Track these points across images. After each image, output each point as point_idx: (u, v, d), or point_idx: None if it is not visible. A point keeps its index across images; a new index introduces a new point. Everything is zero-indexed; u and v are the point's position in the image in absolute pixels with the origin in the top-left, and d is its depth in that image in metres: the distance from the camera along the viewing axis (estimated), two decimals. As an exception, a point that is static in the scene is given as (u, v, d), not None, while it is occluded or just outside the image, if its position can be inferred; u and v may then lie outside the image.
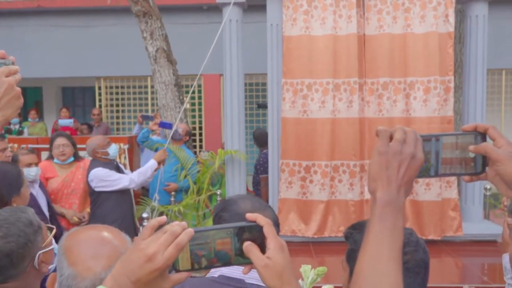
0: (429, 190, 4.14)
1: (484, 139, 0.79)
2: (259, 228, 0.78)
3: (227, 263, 0.76)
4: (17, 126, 7.57)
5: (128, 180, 3.58)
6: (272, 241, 0.78)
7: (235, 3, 4.18)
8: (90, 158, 3.77)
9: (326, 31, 4.14)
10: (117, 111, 9.07)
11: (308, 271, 1.45)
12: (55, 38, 8.58)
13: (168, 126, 4.43)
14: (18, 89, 0.90)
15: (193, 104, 8.63)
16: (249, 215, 0.80)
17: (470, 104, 4.37)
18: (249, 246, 0.76)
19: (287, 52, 4.17)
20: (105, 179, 3.49)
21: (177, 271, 0.74)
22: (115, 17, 8.38)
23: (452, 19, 4.11)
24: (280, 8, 4.20)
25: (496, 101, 8.50)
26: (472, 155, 0.78)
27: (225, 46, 4.32)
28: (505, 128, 8.46)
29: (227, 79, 4.35)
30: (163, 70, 5.27)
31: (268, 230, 0.78)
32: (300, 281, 1.46)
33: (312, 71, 4.16)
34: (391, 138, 0.75)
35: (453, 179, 4.22)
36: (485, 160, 0.78)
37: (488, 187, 4.62)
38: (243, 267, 0.80)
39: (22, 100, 0.97)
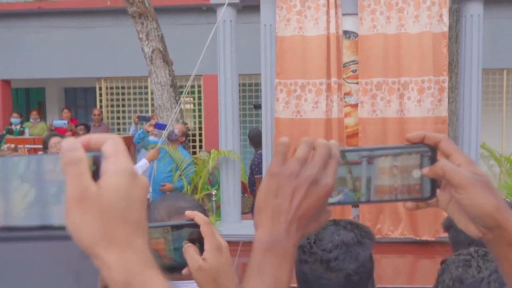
0: (423, 191, 4.13)
1: (434, 154, 0.57)
2: (197, 227, 0.73)
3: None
4: (18, 127, 7.64)
5: None
6: (208, 241, 0.73)
7: (228, 4, 4.19)
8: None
9: (320, 32, 4.14)
10: (118, 112, 9.13)
11: None
12: (56, 39, 8.64)
13: (163, 127, 4.45)
14: None
15: (193, 105, 8.66)
16: (188, 213, 0.75)
17: (466, 104, 4.35)
18: (187, 248, 0.72)
19: (280, 52, 4.17)
20: None
21: None
22: (114, 18, 8.42)
23: (446, 19, 4.09)
24: (274, 9, 4.20)
25: (498, 101, 8.44)
26: (417, 175, 0.57)
27: (219, 47, 4.33)
28: (506, 128, 8.40)
29: (221, 80, 4.37)
30: (159, 70, 5.30)
31: (206, 229, 0.74)
32: None
33: (305, 72, 4.16)
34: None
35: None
36: (434, 182, 0.58)
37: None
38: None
39: None
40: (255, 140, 4.91)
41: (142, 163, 3.71)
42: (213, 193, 4.68)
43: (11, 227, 0.39)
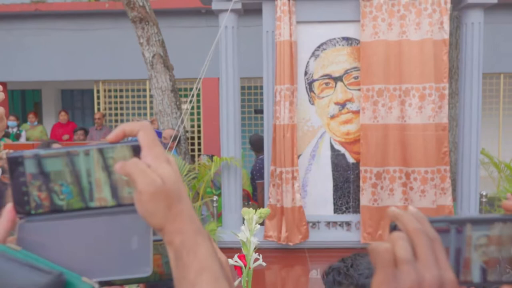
0: (424, 197, 4.15)
1: None
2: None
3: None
4: (15, 129, 7.58)
5: None
6: (151, 151, 0.50)
7: (231, 10, 4.19)
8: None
9: (285, 37, 4.13)
10: (116, 115, 9.08)
11: (252, 213, 1.45)
12: (53, 41, 8.59)
13: (159, 135, 4.43)
14: (2, 109, 0.89)
15: (192, 107, 8.64)
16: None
17: (466, 110, 4.37)
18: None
19: (279, 58, 4.17)
20: None
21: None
22: (113, 20, 8.39)
23: (447, 26, 4.11)
24: (275, 16, 4.21)
25: (494, 105, 8.49)
26: None
27: (221, 53, 4.33)
28: (503, 132, 8.46)
29: (223, 86, 4.36)
30: (159, 75, 5.27)
31: (143, 137, 0.50)
32: (242, 226, 1.46)
33: (278, 78, 4.17)
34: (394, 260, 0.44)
35: (448, 185, 4.23)
36: None
37: (484, 193, 4.62)
38: None
39: (5, 121, 0.97)
40: (256, 145, 4.91)
41: None
42: (214, 199, 4.67)
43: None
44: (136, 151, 0.49)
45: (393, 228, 0.47)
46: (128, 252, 0.49)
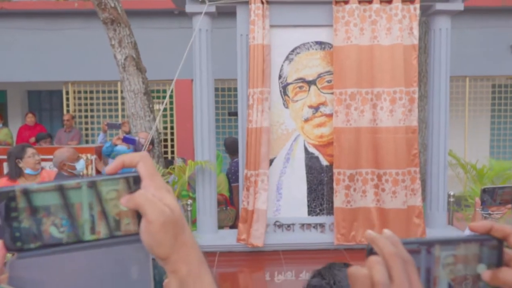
0: (395, 198, 4.25)
1: (500, 249, 0.52)
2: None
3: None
4: (-21, 132, 7.29)
5: None
6: (152, 181, 0.50)
7: (205, 13, 4.17)
8: (51, 169, 3.70)
9: (258, 41, 4.16)
10: (86, 117, 8.87)
11: None
12: (19, 41, 8.31)
13: (132, 141, 4.35)
14: None
15: (164, 109, 8.54)
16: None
17: (435, 113, 4.51)
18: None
19: (253, 61, 4.18)
20: None
21: None
22: (83, 20, 8.19)
23: (416, 31, 4.23)
24: (248, 19, 4.21)
25: (461, 107, 8.80)
26: (481, 270, 0.52)
27: (195, 57, 4.30)
28: (468, 133, 8.77)
29: (197, 90, 4.33)
30: (132, 78, 5.18)
31: (143, 169, 0.51)
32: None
33: (252, 81, 4.18)
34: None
35: (418, 186, 4.34)
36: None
37: (452, 193, 4.78)
38: None
39: None
40: (231, 148, 4.90)
41: None
42: (189, 202, 4.62)
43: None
44: (137, 182, 0.50)
45: (370, 251, 0.50)
46: (129, 282, 0.49)
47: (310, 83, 4.38)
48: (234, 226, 4.78)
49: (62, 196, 0.47)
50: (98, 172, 4.98)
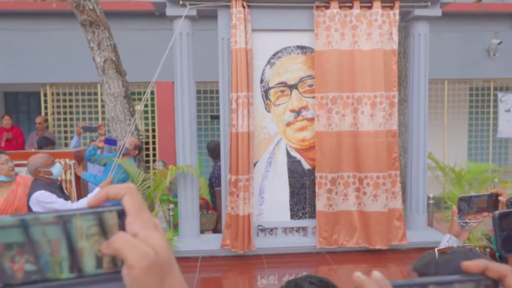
0: (376, 202, 4.29)
1: None
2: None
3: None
4: (-48, 136, 7.06)
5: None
6: (138, 218, 0.47)
7: (185, 16, 4.14)
8: (27, 175, 3.61)
9: (241, 45, 4.15)
10: (65, 119, 8.69)
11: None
12: (-5, 42, 8.09)
13: (113, 142, 4.29)
14: None
15: (146, 112, 8.44)
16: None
17: (414, 116, 4.58)
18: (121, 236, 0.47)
19: (235, 65, 4.16)
20: (46, 206, 3.28)
21: None
22: (61, 21, 8.03)
23: (395, 37, 4.28)
24: (230, 23, 4.20)
25: (439, 110, 8.96)
26: None
27: (175, 60, 4.26)
28: (447, 135, 8.94)
29: (178, 94, 4.29)
30: (111, 81, 5.09)
31: (129, 204, 0.47)
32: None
33: (236, 85, 4.17)
34: None
35: (398, 189, 4.40)
36: None
37: (431, 195, 4.86)
38: None
39: None
40: (214, 152, 4.87)
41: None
42: (171, 207, 4.58)
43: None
44: (121, 216, 0.46)
45: None
46: None
47: (292, 87, 4.39)
48: (216, 230, 4.75)
49: (38, 231, 0.44)
50: (77, 177, 4.87)
